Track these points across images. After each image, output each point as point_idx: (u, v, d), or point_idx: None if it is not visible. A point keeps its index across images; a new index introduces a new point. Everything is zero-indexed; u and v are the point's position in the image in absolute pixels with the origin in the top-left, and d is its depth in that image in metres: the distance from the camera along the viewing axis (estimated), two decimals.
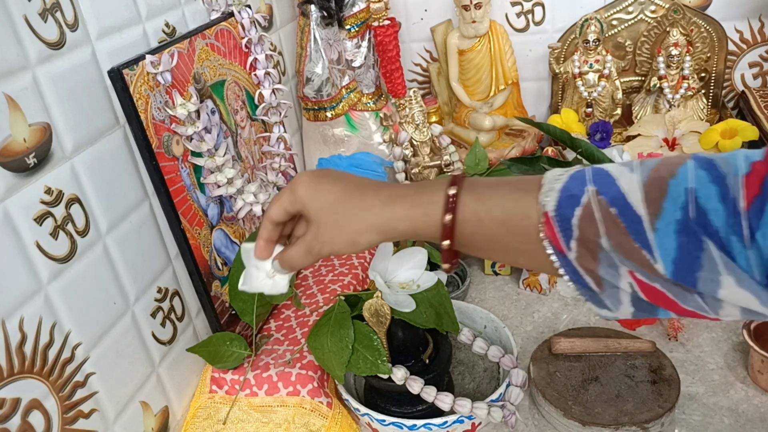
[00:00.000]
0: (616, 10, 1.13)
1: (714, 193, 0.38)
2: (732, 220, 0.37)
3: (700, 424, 0.73)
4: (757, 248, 0.36)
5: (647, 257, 0.40)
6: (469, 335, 0.74)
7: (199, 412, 0.74)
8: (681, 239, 0.39)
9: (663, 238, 0.40)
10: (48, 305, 0.56)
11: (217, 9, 0.84)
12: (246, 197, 0.79)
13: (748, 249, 0.37)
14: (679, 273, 0.40)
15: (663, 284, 0.41)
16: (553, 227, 0.43)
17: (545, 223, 0.44)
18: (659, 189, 0.40)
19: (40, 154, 0.56)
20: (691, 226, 0.39)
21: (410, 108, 1.06)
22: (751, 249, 0.37)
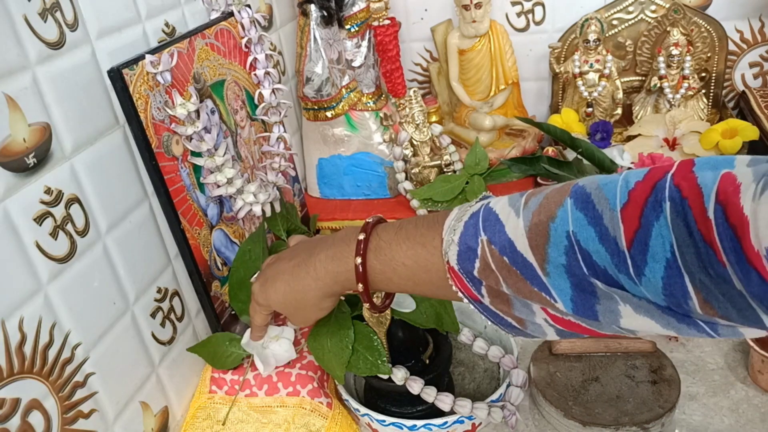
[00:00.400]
0: (616, 9, 1.12)
1: (593, 235, 0.38)
2: (616, 260, 0.37)
3: (700, 425, 0.73)
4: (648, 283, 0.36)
5: (548, 298, 0.41)
6: (470, 335, 0.74)
7: (198, 413, 0.74)
8: (572, 280, 0.40)
9: (556, 280, 0.40)
10: (48, 305, 0.56)
11: (216, 9, 0.84)
12: (246, 197, 0.79)
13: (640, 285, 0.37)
14: (579, 310, 0.40)
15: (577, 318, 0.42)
16: (461, 278, 0.45)
17: (453, 275, 0.45)
18: (542, 234, 0.40)
19: (39, 154, 0.56)
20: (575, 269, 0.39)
21: (410, 108, 1.06)
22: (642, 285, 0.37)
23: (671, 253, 0.35)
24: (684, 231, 0.35)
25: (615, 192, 0.38)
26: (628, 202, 0.37)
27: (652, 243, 0.36)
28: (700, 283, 0.35)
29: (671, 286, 0.36)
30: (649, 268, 0.36)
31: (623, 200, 0.37)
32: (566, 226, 0.39)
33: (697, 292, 0.35)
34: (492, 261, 0.43)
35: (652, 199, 0.36)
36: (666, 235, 0.35)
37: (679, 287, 0.35)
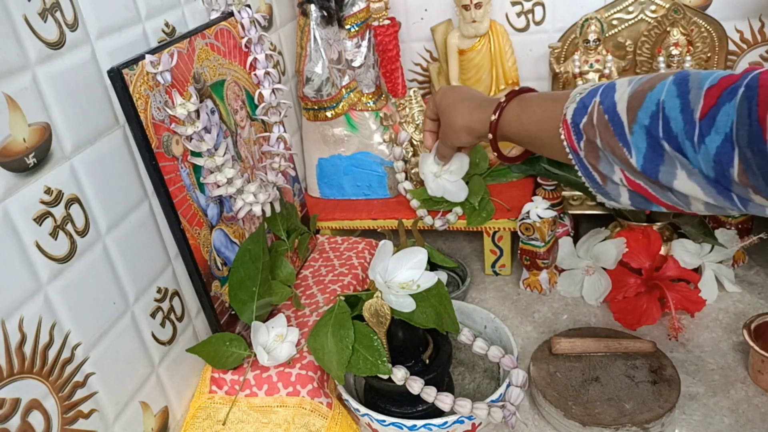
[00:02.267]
0: (616, 9, 1.12)
1: (677, 105, 0.47)
2: (687, 128, 0.46)
3: (700, 425, 0.73)
4: (705, 151, 0.45)
5: (626, 154, 0.51)
6: (470, 335, 0.74)
7: (198, 413, 0.74)
8: (648, 140, 0.49)
9: (637, 139, 0.50)
10: (48, 305, 0.56)
11: (216, 9, 0.84)
12: (246, 197, 0.79)
13: (698, 152, 0.45)
14: (646, 165, 0.50)
15: (643, 181, 0.52)
16: (569, 130, 0.56)
17: (564, 126, 0.57)
18: (639, 99, 0.50)
19: (39, 154, 0.56)
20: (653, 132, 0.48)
21: (410, 108, 1.06)
22: (699, 152, 0.45)
23: (730, 129, 0.43)
24: (745, 111, 0.42)
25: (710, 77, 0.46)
26: (716, 85, 0.45)
27: (719, 118, 0.44)
28: (743, 156, 0.43)
29: (721, 154, 0.44)
30: (710, 138, 0.44)
31: (712, 83, 0.45)
32: (659, 96, 0.48)
33: (739, 162, 0.43)
34: (596, 117, 0.53)
35: (734, 86, 0.44)
36: (731, 113, 0.43)
37: (726, 156, 0.43)
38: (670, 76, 0.49)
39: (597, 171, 0.56)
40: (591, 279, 0.95)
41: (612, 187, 0.55)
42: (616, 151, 0.52)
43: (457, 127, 0.75)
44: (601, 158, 0.54)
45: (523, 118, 0.65)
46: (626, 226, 0.95)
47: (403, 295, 0.66)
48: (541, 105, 0.63)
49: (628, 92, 0.51)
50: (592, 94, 0.55)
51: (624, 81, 0.53)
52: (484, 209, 1.01)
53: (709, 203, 0.49)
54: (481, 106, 0.72)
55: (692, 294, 0.86)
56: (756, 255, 1.00)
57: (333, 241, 1.03)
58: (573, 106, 0.57)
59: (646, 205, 0.54)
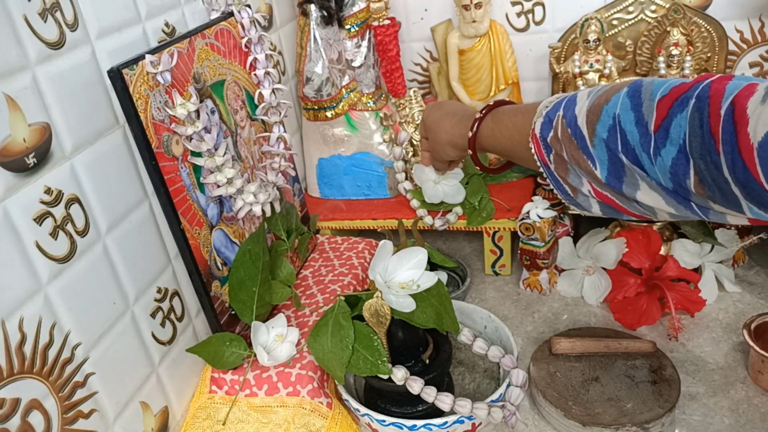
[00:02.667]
0: (616, 9, 1.12)
1: (632, 118, 0.47)
2: (643, 140, 0.46)
3: (700, 425, 0.73)
4: (661, 163, 0.45)
5: (591, 167, 0.52)
6: (470, 335, 0.74)
7: (198, 413, 0.74)
8: (609, 153, 0.50)
9: (599, 152, 0.51)
10: (48, 305, 0.56)
11: (216, 9, 0.84)
12: (246, 197, 0.79)
13: (654, 164, 0.46)
14: (610, 179, 0.51)
15: (609, 192, 0.52)
16: (539, 144, 0.57)
17: (533, 140, 0.58)
18: (596, 113, 0.50)
19: (39, 154, 0.56)
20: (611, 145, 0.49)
21: (410, 108, 1.06)
22: (656, 164, 0.46)
23: (683, 141, 0.43)
24: (697, 123, 0.42)
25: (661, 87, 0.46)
26: (667, 95, 0.45)
27: (671, 130, 0.44)
28: (698, 167, 0.43)
29: (676, 166, 0.44)
30: (665, 150, 0.44)
31: (663, 93, 0.46)
32: (615, 109, 0.49)
33: (695, 174, 0.43)
34: (560, 131, 0.54)
35: (684, 96, 0.44)
36: (683, 125, 0.43)
37: (682, 168, 0.44)
38: (624, 88, 0.49)
39: (567, 183, 0.57)
40: (591, 279, 0.95)
41: (582, 198, 0.56)
42: (581, 163, 0.53)
43: (443, 143, 0.77)
44: (570, 171, 0.55)
45: (497, 133, 0.66)
46: (626, 226, 0.95)
47: (403, 295, 0.66)
48: (512, 119, 0.64)
49: (587, 105, 0.52)
50: (556, 107, 0.56)
51: (584, 93, 0.54)
52: (484, 209, 1.01)
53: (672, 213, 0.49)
54: (461, 121, 0.73)
55: (692, 294, 0.86)
56: (756, 255, 1.00)
57: (333, 241, 1.03)
58: (540, 120, 0.57)
59: (616, 215, 0.55)
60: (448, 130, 0.75)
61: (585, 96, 0.54)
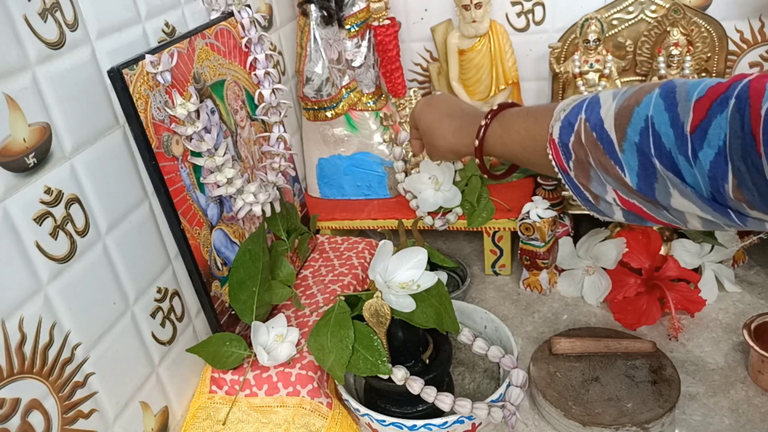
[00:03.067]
0: (616, 9, 1.12)
1: (666, 120, 0.45)
2: (679, 142, 0.44)
3: (700, 425, 0.73)
4: (699, 166, 0.43)
5: (620, 172, 0.49)
6: (470, 335, 0.74)
7: (198, 413, 0.74)
8: (640, 158, 0.47)
9: (628, 157, 0.48)
10: (48, 305, 0.56)
11: (216, 9, 0.84)
12: (246, 197, 0.79)
13: (693, 167, 0.44)
14: (641, 185, 0.48)
15: (638, 200, 0.50)
16: (557, 150, 0.54)
17: (552, 146, 0.55)
18: (626, 116, 0.48)
19: (39, 154, 0.56)
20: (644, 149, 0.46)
21: (410, 108, 1.06)
22: (695, 167, 0.43)
23: (723, 142, 0.41)
24: (738, 124, 0.40)
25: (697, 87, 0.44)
26: (704, 96, 0.43)
27: (710, 132, 0.42)
28: (737, 170, 0.41)
29: (715, 169, 0.42)
30: (703, 152, 0.42)
31: (700, 94, 0.44)
32: (647, 111, 0.46)
33: (733, 177, 0.42)
34: (584, 136, 0.51)
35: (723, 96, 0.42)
36: (723, 126, 0.41)
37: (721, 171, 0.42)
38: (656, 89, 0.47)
39: (588, 190, 0.54)
40: (591, 279, 0.95)
41: (605, 205, 0.54)
42: (609, 169, 0.50)
43: (442, 149, 0.72)
44: (593, 177, 0.52)
45: (506, 139, 0.63)
46: (626, 226, 0.95)
47: (403, 295, 0.66)
48: (523, 124, 0.61)
49: (614, 107, 0.49)
50: (577, 110, 0.53)
51: (608, 94, 0.52)
52: (484, 209, 1.01)
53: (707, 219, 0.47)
54: (462, 128, 0.69)
55: (692, 294, 0.86)
56: (756, 255, 1.00)
57: (333, 241, 1.03)
58: (558, 124, 0.55)
59: (641, 222, 0.53)
60: (448, 138, 0.70)
61: (610, 98, 0.51)
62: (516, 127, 0.61)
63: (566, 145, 0.53)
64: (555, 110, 0.56)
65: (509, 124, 0.62)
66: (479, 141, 0.65)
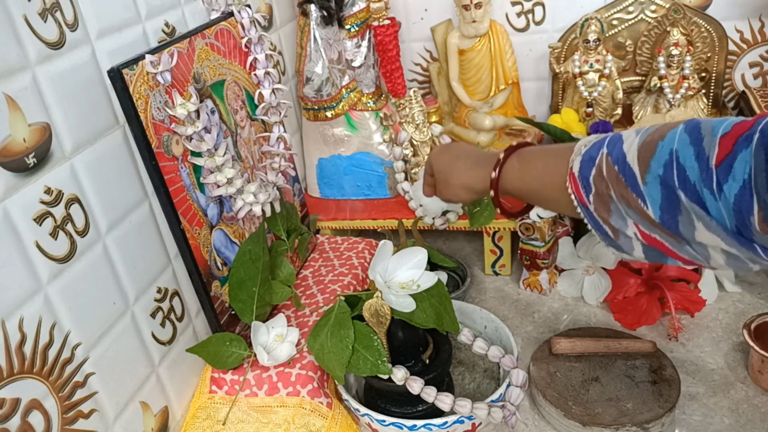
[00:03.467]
0: (616, 9, 1.12)
1: (691, 153, 0.46)
2: (704, 175, 0.45)
3: (700, 424, 0.73)
4: (724, 199, 0.43)
5: (642, 205, 0.49)
6: (470, 335, 0.74)
7: (198, 413, 0.74)
8: (663, 191, 0.47)
9: (651, 190, 0.48)
10: (48, 305, 0.56)
11: (216, 9, 0.84)
12: (246, 197, 0.79)
13: (718, 200, 0.44)
14: (664, 217, 0.48)
15: (660, 234, 0.50)
16: (577, 184, 0.55)
17: (571, 180, 0.55)
18: (650, 150, 0.49)
19: (39, 154, 0.56)
20: (668, 181, 0.47)
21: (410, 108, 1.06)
22: (720, 200, 0.44)
23: (748, 176, 0.42)
24: (762, 158, 0.41)
25: (722, 124, 0.45)
26: (729, 132, 0.44)
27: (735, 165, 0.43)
28: (763, 203, 0.42)
29: (741, 202, 0.43)
30: (728, 185, 0.43)
31: (726, 130, 0.44)
32: (672, 145, 0.47)
33: (759, 209, 0.42)
34: (605, 169, 0.52)
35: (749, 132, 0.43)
36: (748, 160, 0.42)
37: (746, 204, 0.42)
38: (680, 125, 0.48)
39: (608, 224, 0.54)
40: (591, 279, 0.95)
41: (624, 240, 0.54)
42: (631, 203, 0.50)
43: (455, 186, 0.72)
44: (613, 211, 0.53)
45: (525, 175, 0.63)
46: None
47: (403, 295, 0.66)
48: (543, 160, 0.61)
49: (638, 142, 0.50)
50: (598, 146, 0.54)
51: (631, 132, 0.52)
52: (485, 209, 1.01)
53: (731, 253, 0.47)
54: (478, 163, 0.69)
55: (692, 294, 0.86)
56: None
57: (333, 241, 1.03)
58: (579, 158, 0.55)
59: (662, 259, 0.53)
60: (462, 173, 0.70)
61: (633, 134, 0.52)
62: (535, 162, 0.62)
63: (587, 178, 0.54)
64: (576, 146, 0.57)
65: (528, 160, 0.63)
66: (497, 173, 0.64)
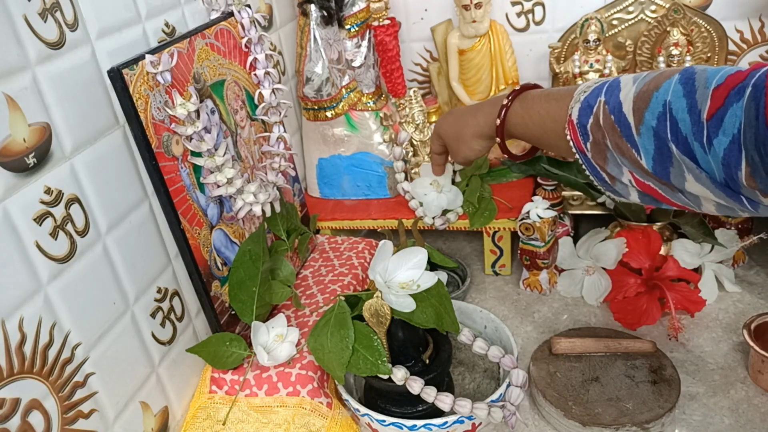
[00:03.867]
0: (616, 9, 1.12)
1: (684, 106, 0.46)
2: (695, 129, 0.45)
3: (700, 425, 0.73)
4: (714, 152, 0.44)
5: (636, 156, 0.50)
6: (470, 335, 0.74)
7: (198, 413, 0.74)
8: (656, 142, 0.48)
9: (645, 141, 0.49)
10: (48, 305, 0.56)
11: (216, 9, 0.84)
12: (246, 197, 0.79)
13: (708, 154, 0.44)
14: (657, 168, 0.49)
15: (654, 183, 0.50)
16: (576, 131, 0.55)
17: (570, 126, 0.56)
18: (645, 100, 0.49)
19: (39, 154, 0.56)
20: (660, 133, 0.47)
21: (410, 108, 1.06)
22: (710, 154, 0.44)
23: (738, 131, 0.42)
24: (753, 114, 0.41)
25: (717, 74, 0.45)
26: (722, 84, 0.44)
27: (726, 119, 0.43)
28: (751, 159, 0.42)
29: (729, 157, 0.43)
30: (717, 140, 0.43)
31: (719, 82, 0.44)
32: (666, 96, 0.47)
33: (746, 165, 0.42)
34: (602, 118, 0.52)
35: (741, 85, 0.43)
36: (739, 115, 0.42)
37: (734, 159, 0.43)
38: (676, 75, 0.48)
39: (605, 171, 0.55)
40: (591, 279, 0.95)
41: (621, 186, 0.55)
42: (625, 152, 0.51)
43: (468, 137, 0.74)
44: (609, 159, 0.53)
45: (527, 120, 0.64)
46: (626, 226, 0.95)
47: (403, 295, 0.66)
48: (544, 105, 0.62)
49: (633, 91, 0.50)
50: (597, 92, 0.54)
51: (628, 78, 0.52)
52: (486, 209, 1.01)
53: (720, 204, 0.48)
54: (482, 109, 0.71)
55: (692, 294, 0.86)
56: (756, 255, 1.00)
57: (333, 241, 1.03)
58: (578, 106, 0.55)
59: (656, 204, 0.54)
60: (471, 123, 0.72)
61: (630, 82, 0.51)
62: (537, 108, 0.62)
63: (585, 126, 0.54)
64: (575, 92, 0.57)
65: (530, 105, 0.63)
66: (501, 120, 0.65)
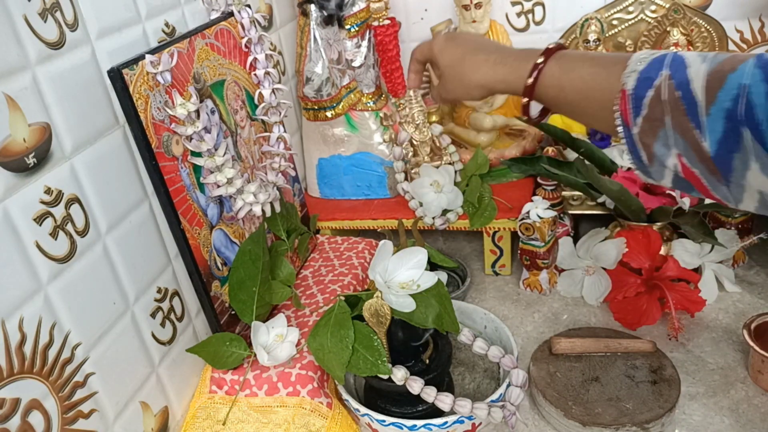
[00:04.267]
0: (616, 9, 1.12)
1: (763, 90, 0.44)
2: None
3: (700, 425, 0.73)
4: None
5: (698, 137, 0.47)
6: (470, 335, 0.74)
7: (198, 413, 0.74)
8: (727, 125, 0.45)
9: (713, 122, 0.46)
10: (48, 305, 0.56)
11: (216, 9, 0.84)
12: (246, 197, 0.79)
13: None
14: (720, 152, 0.46)
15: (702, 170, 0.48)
16: (627, 103, 0.51)
17: (621, 98, 0.51)
18: (719, 80, 0.46)
19: (39, 154, 0.56)
20: (735, 116, 0.45)
21: (410, 108, 1.06)
22: None
23: None
24: None
25: None
26: None
27: None
28: None
29: None
30: None
31: None
32: (742, 79, 0.45)
33: None
34: (666, 92, 0.49)
35: None
36: None
37: None
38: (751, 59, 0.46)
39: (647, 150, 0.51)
40: (591, 279, 0.95)
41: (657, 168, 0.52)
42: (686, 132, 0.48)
43: (472, 84, 0.65)
44: (660, 138, 0.50)
45: (565, 84, 0.57)
46: (626, 226, 0.95)
47: (403, 295, 0.66)
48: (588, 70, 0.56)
49: (705, 70, 0.48)
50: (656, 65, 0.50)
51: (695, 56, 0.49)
52: (486, 209, 1.01)
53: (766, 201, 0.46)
54: (504, 62, 0.62)
55: (692, 294, 0.86)
56: (756, 255, 1.00)
57: (333, 241, 1.03)
58: (634, 76, 0.51)
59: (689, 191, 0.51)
60: (483, 70, 0.63)
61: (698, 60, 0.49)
62: (579, 72, 0.56)
63: (641, 99, 0.50)
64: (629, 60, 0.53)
65: (571, 68, 0.57)
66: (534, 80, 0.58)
